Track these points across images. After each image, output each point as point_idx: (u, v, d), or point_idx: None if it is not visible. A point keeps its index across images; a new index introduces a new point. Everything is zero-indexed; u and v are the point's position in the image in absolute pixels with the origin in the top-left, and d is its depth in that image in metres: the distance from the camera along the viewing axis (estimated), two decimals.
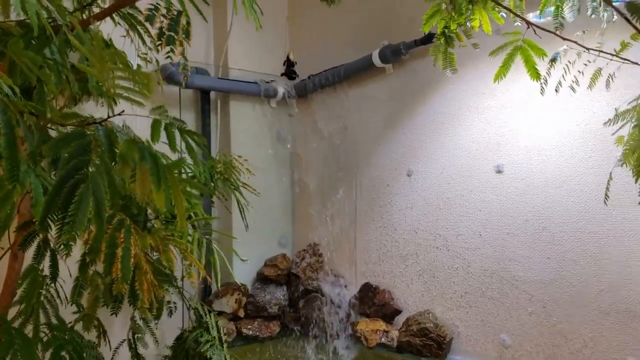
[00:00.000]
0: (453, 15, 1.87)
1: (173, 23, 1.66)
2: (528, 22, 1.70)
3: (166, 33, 1.65)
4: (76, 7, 1.86)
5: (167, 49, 1.67)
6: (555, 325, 2.47)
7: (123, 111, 1.23)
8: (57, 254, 2.14)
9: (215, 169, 2.52)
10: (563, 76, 1.83)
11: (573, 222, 2.41)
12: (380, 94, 3.35)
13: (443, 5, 1.87)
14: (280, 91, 3.75)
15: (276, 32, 3.97)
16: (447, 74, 1.88)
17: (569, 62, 1.81)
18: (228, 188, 2.48)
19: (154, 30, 1.72)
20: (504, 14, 1.85)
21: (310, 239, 3.77)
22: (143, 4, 1.78)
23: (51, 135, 1.50)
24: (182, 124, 1.37)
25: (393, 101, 3.26)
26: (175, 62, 3.12)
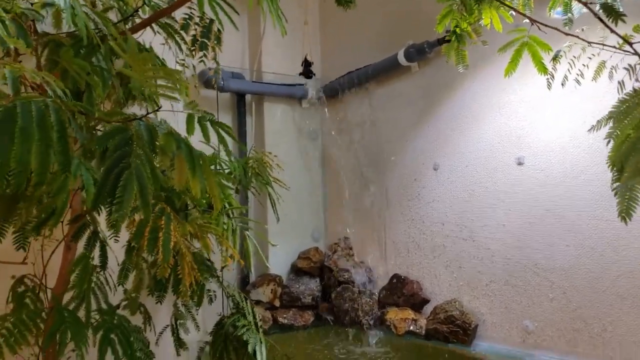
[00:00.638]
0: (464, 14, 2.00)
1: (205, 30, 1.84)
2: (532, 20, 1.82)
3: (199, 39, 1.83)
4: (120, 19, 2.07)
5: (200, 54, 1.84)
6: (575, 310, 2.56)
7: (161, 107, 1.41)
8: (106, 245, 2.36)
9: (248, 165, 2.70)
10: (569, 70, 1.94)
11: (591, 210, 2.50)
12: (406, 92, 3.48)
13: (454, 5, 2.00)
14: (310, 92, 3.92)
15: (307, 37, 4.15)
16: (460, 70, 2.01)
17: (574, 57, 1.92)
18: (260, 183, 2.66)
19: (189, 37, 1.91)
20: (513, 13, 1.97)
21: (342, 233, 3.93)
22: (179, 14, 1.98)
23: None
24: (213, 117, 1.55)
25: (419, 98, 3.39)
26: (212, 68, 3.34)
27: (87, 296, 2.28)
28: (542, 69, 1.90)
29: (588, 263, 2.51)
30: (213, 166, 2.46)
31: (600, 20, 1.54)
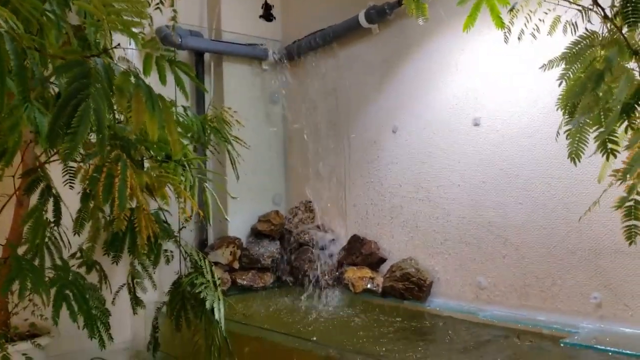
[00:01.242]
0: None
1: None
2: None
3: None
4: None
5: (157, 1, 1.80)
6: (527, 266, 2.65)
7: (119, 44, 1.37)
8: (60, 201, 2.30)
9: (207, 122, 2.66)
10: (525, 25, 1.97)
11: (543, 169, 2.57)
12: (367, 54, 3.49)
13: None
14: (270, 53, 3.88)
15: None
16: (420, 22, 2.02)
17: (531, 11, 1.95)
18: (219, 139, 2.63)
19: None
20: None
21: (302, 197, 3.94)
22: None
23: None
24: (173, 56, 1.52)
25: (380, 61, 3.40)
26: (169, 26, 3.26)
27: (41, 250, 2.22)
28: (499, 23, 1.92)
29: (540, 220, 2.59)
30: None
31: None
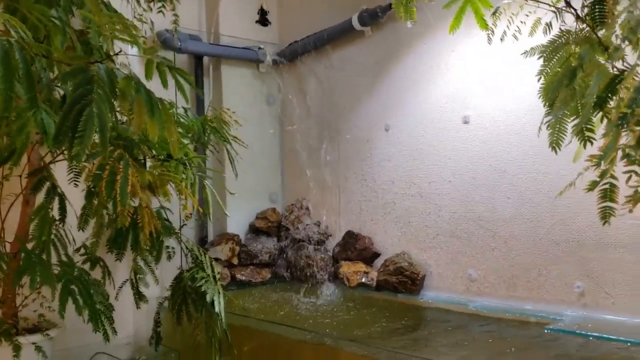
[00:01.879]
0: None
1: None
2: None
3: None
4: None
5: (159, 5, 1.90)
6: (514, 258, 2.75)
7: (120, 51, 1.47)
8: (65, 199, 2.41)
9: (207, 123, 2.77)
10: (507, 26, 2.07)
11: (529, 165, 2.68)
12: (360, 56, 3.59)
13: None
14: (268, 56, 3.99)
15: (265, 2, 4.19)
16: (408, 25, 2.12)
17: (513, 14, 2.06)
18: (219, 139, 2.74)
19: None
20: None
21: (299, 194, 4.05)
22: None
23: None
24: (172, 63, 1.62)
25: (372, 62, 3.51)
26: (170, 30, 3.37)
27: (47, 247, 2.33)
28: (483, 25, 2.03)
29: (526, 213, 2.70)
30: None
31: None
